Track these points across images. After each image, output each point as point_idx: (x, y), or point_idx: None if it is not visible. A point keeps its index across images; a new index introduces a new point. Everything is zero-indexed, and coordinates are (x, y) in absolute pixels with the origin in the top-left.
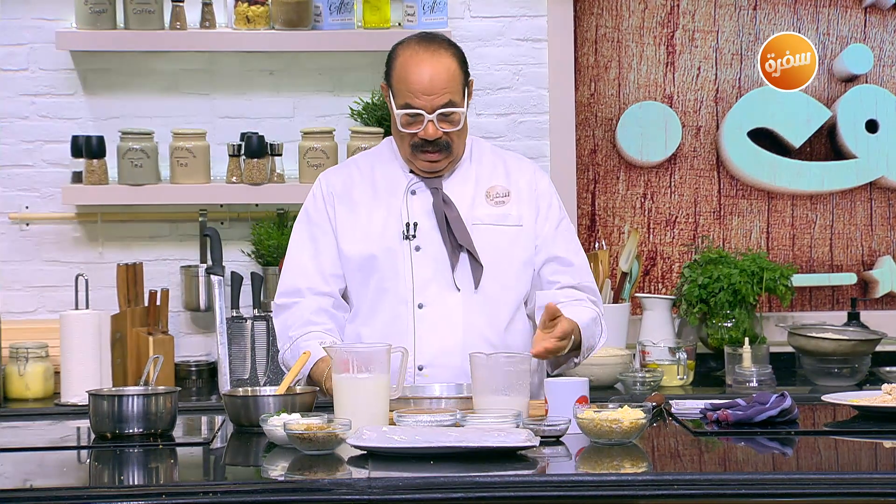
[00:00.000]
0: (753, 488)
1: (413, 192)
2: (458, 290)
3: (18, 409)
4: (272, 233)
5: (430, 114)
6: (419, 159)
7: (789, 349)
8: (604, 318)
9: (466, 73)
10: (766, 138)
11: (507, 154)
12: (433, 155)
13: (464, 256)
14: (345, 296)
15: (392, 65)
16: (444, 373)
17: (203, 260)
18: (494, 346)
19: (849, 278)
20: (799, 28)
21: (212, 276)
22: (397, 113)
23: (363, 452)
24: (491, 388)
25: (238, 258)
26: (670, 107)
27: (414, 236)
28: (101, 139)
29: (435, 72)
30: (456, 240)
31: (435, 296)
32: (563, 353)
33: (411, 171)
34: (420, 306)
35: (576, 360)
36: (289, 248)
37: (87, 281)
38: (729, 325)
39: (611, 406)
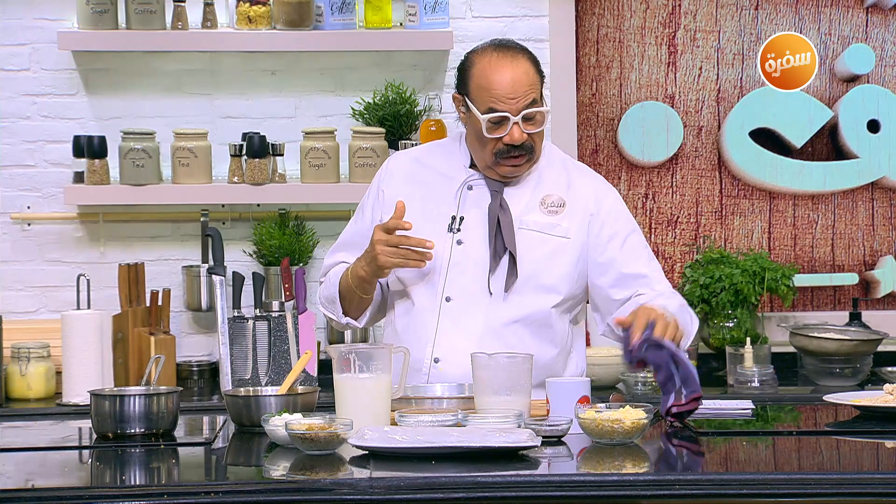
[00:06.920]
0: (755, 488)
1: (469, 188)
2: (491, 294)
3: (20, 410)
4: (274, 233)
5: (515, 116)
6: (502, 165)
7: (791, 349)
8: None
9: (542, 75)
10: (767, 138)
11: (575, 166)
12: (517, 160)
13: (503, 261)
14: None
15: (468, 73)
16: (457, 369)
17: (205, 260)
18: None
19: (850, 278)
20: (801, 28)
21: (213, 276)
22: (482, 118)
23: (365, 452)
24: (492, 389)
25: (240, 258)
26: (672, 107)
27: (459, 230)
28: (102, 139)
29: (516, 75)
30: (503, 243)
31: (464, 292)
32: (667, 323)
33: (471, 167)
34: (448, 299)
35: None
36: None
37: (88, 281)
38: (730, 325)
39: (613, 406)
